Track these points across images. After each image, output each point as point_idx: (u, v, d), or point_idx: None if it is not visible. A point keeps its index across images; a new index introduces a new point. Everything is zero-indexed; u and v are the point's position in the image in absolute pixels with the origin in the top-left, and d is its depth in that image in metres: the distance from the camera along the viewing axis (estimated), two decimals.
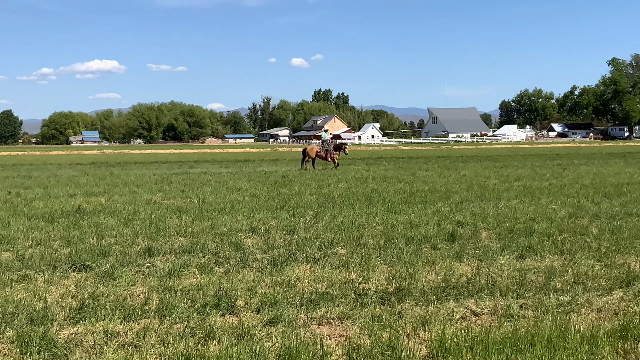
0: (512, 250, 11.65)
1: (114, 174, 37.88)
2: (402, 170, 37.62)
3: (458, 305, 8.33)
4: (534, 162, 47.92)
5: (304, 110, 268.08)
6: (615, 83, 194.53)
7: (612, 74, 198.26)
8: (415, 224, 14.77)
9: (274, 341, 7.01)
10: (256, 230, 14.20)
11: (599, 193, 21.48)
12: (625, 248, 11.77)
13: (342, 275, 9.98)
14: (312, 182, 28.10)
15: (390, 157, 64.82)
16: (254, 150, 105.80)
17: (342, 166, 42.45)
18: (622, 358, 6.48)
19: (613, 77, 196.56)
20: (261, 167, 44.38)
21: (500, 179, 28.84)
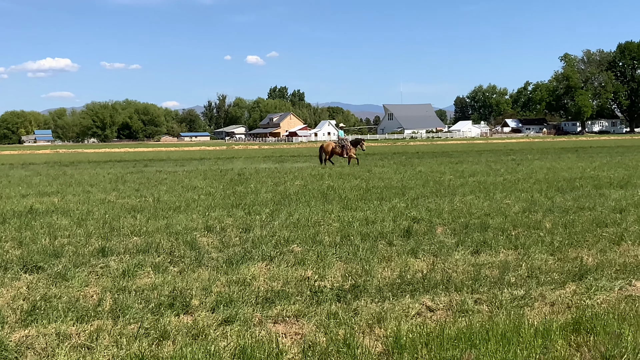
0: (467, 245, 11.72)
1: (68, 173, 37.40)
2: (358, 167, 37.66)
3: (413, 301, 8.35)
4: (488, 157, 48.33)
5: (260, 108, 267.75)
6: (567, 79, 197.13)
7: (565, 70, 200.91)
8: (371, 221, 14.79)
9: (229, 340, 6.96)
10: (212, 229, 14.11)
11: (552, 188, 21.72)
12: (578, 242, 11.90)
13: (298, 273, 9.95)
14: (268, 180, 28.02)
15: None
16: (210, 149, 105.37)
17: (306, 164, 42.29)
18: (575, 351, 6.53)
19: (565, 72, 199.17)
20: (217, 165, 44.14)
21: (456, 175, 29.01)
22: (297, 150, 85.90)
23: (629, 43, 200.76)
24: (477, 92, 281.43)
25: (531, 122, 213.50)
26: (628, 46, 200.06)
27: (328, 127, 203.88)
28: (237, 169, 38.80)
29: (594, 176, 26.59)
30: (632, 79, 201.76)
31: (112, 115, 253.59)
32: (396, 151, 70.80)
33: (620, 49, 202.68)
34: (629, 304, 8.08)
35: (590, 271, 9.64)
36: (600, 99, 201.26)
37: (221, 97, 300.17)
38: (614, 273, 9.60)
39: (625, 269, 9.81)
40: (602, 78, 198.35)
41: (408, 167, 36.22)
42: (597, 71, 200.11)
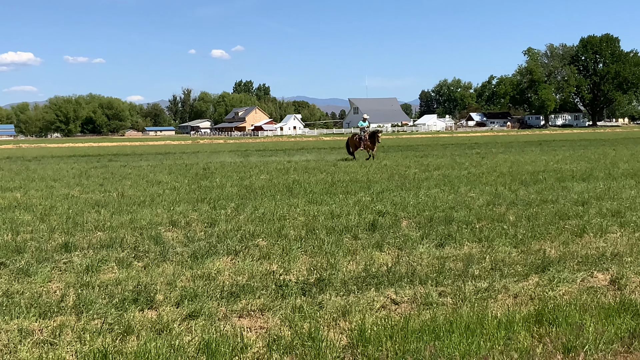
0: (431, 238, 11.78)
1: (30, 168, 37.04)
2: (324, 161, 37.70)
3: (378, 294, 8.38)
4: (453, 151, 48.58)
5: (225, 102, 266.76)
6: (531, 72, 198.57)
7: (528, 64, 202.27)
8: (337, 215, 14.81)
9: (193, 335, 6.94)
10: (176, 224, 14.05)
11: (515, 181, 21.90)
12: (541, 234, 12.01)
13: (263, 267, 9.94)
14: (234, 174, 27.95)
15: (312, 148, 64.96)
16: (175, 143, 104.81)
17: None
18: (538, 342, 6.59)
19: (529, 66, 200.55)
20: (182, 160, 43.92)
21: (421, 168, 29.15)
22: (263, 145, 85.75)
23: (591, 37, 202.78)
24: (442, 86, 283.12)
25: (495, 115, 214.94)
26: (590, 40, 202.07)
27: (294, 121, 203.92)
28: (202, 163, 38.63)
29: (557, 169, 26.86)
30: (594, 73, 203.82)
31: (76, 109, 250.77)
32: None
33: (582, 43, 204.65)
34: (590, 295, 8.18)
35: (553, 263, 9.74)
36: (563, 93, 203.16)
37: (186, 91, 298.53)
38: (576, 265, 9.71)
39: (587, 261, 9.92)
40: (565, 72, 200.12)
41: (374, 161, 36.29)
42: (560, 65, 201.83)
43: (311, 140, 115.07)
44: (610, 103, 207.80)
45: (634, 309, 7.42)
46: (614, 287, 8.64)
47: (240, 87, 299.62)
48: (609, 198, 16.72)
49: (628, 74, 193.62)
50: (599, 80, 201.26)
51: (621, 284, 8.70)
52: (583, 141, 66.71)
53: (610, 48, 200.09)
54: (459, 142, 72.01)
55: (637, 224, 12.90)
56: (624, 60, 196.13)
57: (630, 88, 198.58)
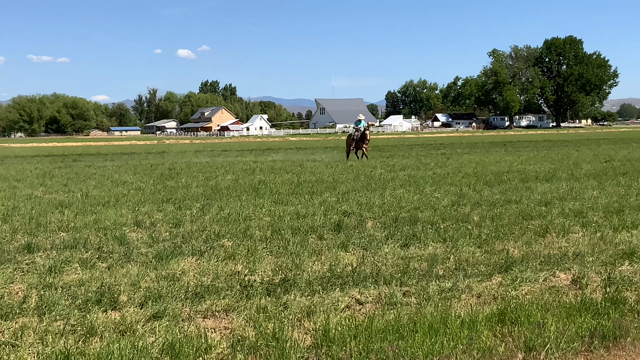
0: (396, 238, 11.82)
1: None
2: (290, 162, 37.69)
3: (343, 294, 8.40)
4: (419, 151, 48.82)
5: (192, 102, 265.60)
6: (495, 74, 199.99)
7: (493, 65, 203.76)
8: (302, 215, 14.82)
9: (157, 336, 6.91)
10: (141, 224, 13.98)
11: (480, 181, 22.05)
12: (505, 234, 12.11)
13: (228, 267, 9.92)
14: (200, 175, 27.86)
15: (278, 148, 64.94)
16: (141, 143, 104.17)
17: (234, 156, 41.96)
18: (500, 341, 6.65)
19: (494, 68, 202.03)
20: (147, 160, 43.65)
21: (386, 169, 29.25)
22: (229, 145, 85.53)
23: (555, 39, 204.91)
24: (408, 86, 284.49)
25: (461, 116, 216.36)
26: (554, 42, 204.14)
27: (260, 121, 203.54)
28: (168, 163, 38.44)
29: (521, 170, 27.09)
30: (558, 74, 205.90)
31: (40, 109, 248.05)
32: (328, 145, 71.01)
33: (546, 45, 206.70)
34: (552, 294, 8.27)
35: (516, 263, 9.82)
36: (528, 94, 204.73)
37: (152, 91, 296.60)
38: (539, 264, 9.80)
39: (550, 261, 10.02)
40: (529, 73, 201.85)
41: (339, 162, 36.35)
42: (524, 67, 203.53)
43: (278, 140, 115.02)
44: (573, 104, 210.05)
45: (595, 308, 7.51)
46: (576, 287, 8.74)
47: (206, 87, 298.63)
48: (571, 198, 16.90)
49: (591, 76, 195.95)
50: (563, 81, 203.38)
51: (582, 283, 8.80)
52: (547, 142, 67.36)
53: (573, 50, 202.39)
54: (424, 143, 72.33)
55: (598, 224, 13.06)
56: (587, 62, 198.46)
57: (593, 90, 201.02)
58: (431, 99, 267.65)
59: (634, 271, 9.39)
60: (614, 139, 70.74)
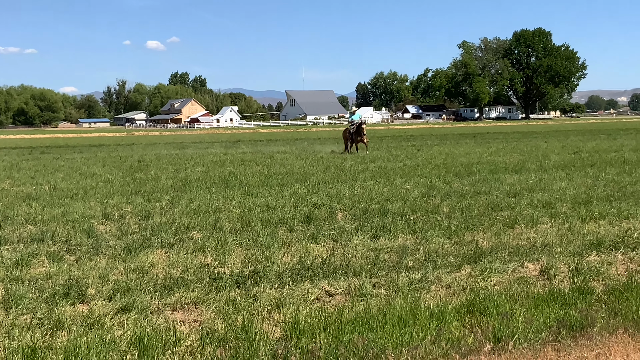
0: (366, 230, 11.85)
1: None
2: (260, 153, 37.61)
3: (313, 286, 8.40)
4: (389, 143, 48.87)
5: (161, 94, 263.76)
6: (465, 66, 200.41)
7: (463, 57, 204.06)
8: (272, 207, 14.80)
9: (125, 329, 6.87)
10: (110, 217, 13.88)
11: (450, 173, 22.14)
12: (474, 226, 12.17)
13: (197, 259, 9.88)
14: (169, 167, 27.73)
15: (249, 140, 64.75)
16: (110, 135, 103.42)
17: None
18: (469, 332, 6.69)
19: (463, 59, 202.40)
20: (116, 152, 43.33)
21: (357, 161, 29.27)
22: (199, 137, 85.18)
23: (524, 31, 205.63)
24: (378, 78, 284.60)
25: (431, 108, 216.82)
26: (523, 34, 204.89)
27: (230, 113, 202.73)
28: (137, 155, 38.19)
29: (491, 161, 27.24)
30: (527, 66, 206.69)
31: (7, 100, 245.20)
32: (298, 137, 70.97)
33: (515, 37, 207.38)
34: (520, 285, 8.33)
35: (485, 254, 9.88)
36: (497, 86, 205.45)
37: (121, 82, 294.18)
38: (508, 255, 9.86)
39: (518, 252, 10.08)
40: (499, 65, 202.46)
41: (310, 153, 36.33)
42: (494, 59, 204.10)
43: (248, 132, 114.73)
44: (542, 96, 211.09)
45: (562, 298, 7.57)
46: (544, 277, 8.80)
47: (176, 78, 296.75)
48: (540, 190, 17.02)
49: (559, 68, 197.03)
50: (532, 73, 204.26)
51: (550, 274, 8.87)
52: (516, 134, 67.74)
53: (542, 42, 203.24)
54: (395, 135, 72.47)
55: (566, 215, 13.16)
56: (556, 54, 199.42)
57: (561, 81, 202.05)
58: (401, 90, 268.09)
59: (601, 261, 9.48)
60: (582, 131, 71.31)
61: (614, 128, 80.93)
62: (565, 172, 21.50)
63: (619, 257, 9.81)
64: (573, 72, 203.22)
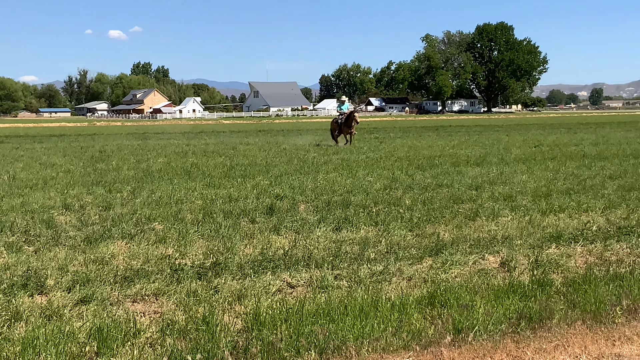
0: (329, 222, 11.85)
1: None
2: (223, 145, 37.46)
3: (274, 278, 8.40)
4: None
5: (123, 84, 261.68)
6: (428, 59, 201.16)
7: (426, 50, 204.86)
8: (235, 198, 14.76)
9: (84, 320, 6.80)
10: (70, 207, 13.74)
11: (412, 165, 22.23)
12: (436, 218, 12.23)
13: (158, 250, 9.82)
14: (131, 157, 27.51)
15: (212, 131, 64.40)
16: (71, 125, 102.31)
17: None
18: (430, 324, 6.72)
19: (427, 53, 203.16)
20: (77, 142, 42.89)
21: (320, 152, 29.28)
22: (162, 127, 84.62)
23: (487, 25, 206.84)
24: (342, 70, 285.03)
25: (394, 101, 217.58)
26: (486, 28, 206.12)
27: (193, 104, 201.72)
28: (98, 145, 37.83)
29: (453, 154, 27.39)
30: (489, 60, 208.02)
31: None
32: (261, 129, 70.82)
33: (478, 30, 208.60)
34: (481, 277, 8.39)
35: (447, 246, 9.93)
36: (460, 79, 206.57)
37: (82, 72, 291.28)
38: (469, 248, 9.93)
39: (479, 244, 10.16)
40: (462, 59, 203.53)
41: (273, 145, 36.28)
42: (456, 52, 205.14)
43: (211, 123, 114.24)
44: (504, 90, 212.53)
45: (522, 290, 7.64)
46: (504, 269, 8.88)
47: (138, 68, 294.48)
48: (501, 182, 17.15)
49: (521, 62, 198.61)
50: (494, 67, 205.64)
51: (511, 266, 8.95)
52: (478, 127, 68.18)
53: (504, 36, 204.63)
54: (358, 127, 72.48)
55: (527, 207, 13.28)
56: (518, 48, 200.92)
57: (523, 75, 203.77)
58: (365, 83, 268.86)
59: (561, 254, 9.58)
60: (542, 125, 71.99)
61: (574, 122, 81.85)
62: (526, 166, 21.69)
63: (578, 250, 9.93)
64: (534, 66, 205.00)
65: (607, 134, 45.98)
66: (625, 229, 11.28)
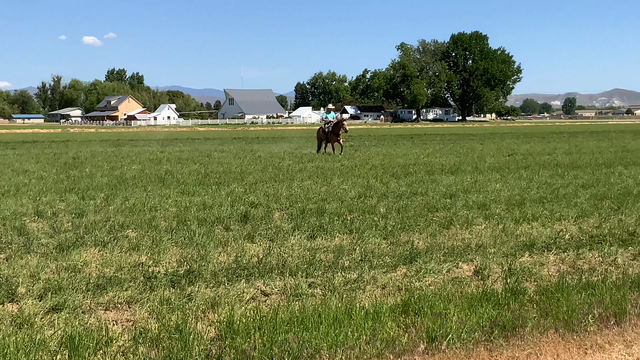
0: (303, 230, 11.84)
1: None
2: (198, 152, 37.35)
3: (248, 285, 8.36)
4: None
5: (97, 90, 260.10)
6: (403, 67, 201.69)
7: (401, 59, 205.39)
8: (209, 206, 14.71)
9: (56, 328, 6.74)
10: (42, 214, 13.62)
11: (387, 173, 22.28)
12: (410, 226, 12.25)
13: (132, 258, 9.75)
14: (105, 164, 27.35)
15: (186, 139, 64.20)
16: (44, 131, 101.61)
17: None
18: (403, 332, 6.72)
19: (402, 61, 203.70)
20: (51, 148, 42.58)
21: (295, 160, 29.27)
22: (136, 134, 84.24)
23: (461, 34, 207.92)
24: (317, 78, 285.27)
25: (369, 109, 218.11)
26: (460, 37, 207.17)
27: (168, 111, 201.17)
28: (72, 152, 37.59)
29: (427, 162, 27.48)
30: (464, 69, 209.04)
31: None
32: (236, 136, 70.70)
33: (453, 39, 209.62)
34: (455, 285, 8.41)
35: (421, 254, 9.95)
36: (435, 88, 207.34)
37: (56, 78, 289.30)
38: (443, 256, 9.95)
39: (453, 252, 10.19)
40: (437, 68, 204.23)
41: (247, 152, 36.23)
42: (431, 61, 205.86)
43: (185, 130, 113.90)
44: (478, 99, 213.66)
45: (495, 298, 7.67)
46: (478, 278, 8.91)
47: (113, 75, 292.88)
48: (475, 191, 17.22)
49: (495, 71, 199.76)
50: (469, 76, 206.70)
51: (484, 274, 8.98)
52: (453, 135, 68.50)
53: (479, 45, 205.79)
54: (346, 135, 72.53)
55: (500, 216, 13.34)
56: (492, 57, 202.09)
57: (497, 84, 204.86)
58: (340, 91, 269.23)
59: (534, 262, 9.63)
60: (516, 133, 72.44)
61: (548, 131, 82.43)
62: (500, 174, 21.80)
63: (551, 258, 9.98)
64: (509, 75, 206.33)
65: (580, 143, 46.38)
66: (597, 237, 11.36)
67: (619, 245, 10.79)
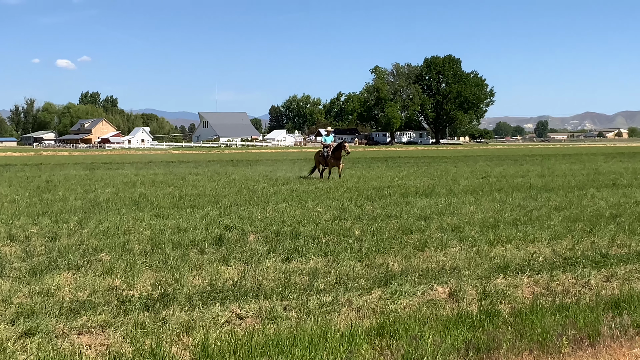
0: (278, 253, 11.83)
1: None
2: (172, 175, 37.23)
3: (223, 309, 8.33)
4: (302, 166, 48.92)
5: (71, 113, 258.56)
6: (377, 90, 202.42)
7: (375, 82, 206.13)
8: (183, 229, 14.65)
9: (29, 353, 6.67)
10: (15, 238, 13.51)
11: (362, 196, 22.31)
12: (385, 249, 12.27)
13: (105, 282, 9.69)
14: (78, 187, 27.17)
15: (161, 162, 63.97)
16: (17, 154, 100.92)
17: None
18: (379, 355, 6.72)
19: (376, 84, 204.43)
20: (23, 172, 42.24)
21: (269, 183, 29.25)
22: (110, 157, 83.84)
23: (435, 58, 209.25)
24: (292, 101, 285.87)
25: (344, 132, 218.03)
26: (434, 61, 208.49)
27: (142, 134, 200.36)
28: (45, 175, 37.31)
29: (402, 185, 27.58)
30: (437, 92, 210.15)
31: None
32: (211, 159, 70.56)
33: (426, 63, 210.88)
34: (430, 307, 8.42)
35: (396, 277, 9.96)
36: (409, 111, 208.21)
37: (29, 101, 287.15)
38: (417, 278, 9.97)
39: (428, 274, 10.21)
40: (410, 91, 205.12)
41: (222, 175, 36.16)
42: (405, 84, 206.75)
43: (160, 153, 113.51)
44: (452, 122, 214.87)
45: (470, 320, 7.69)
46: (453, 300, 8.93)
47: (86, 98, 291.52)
48: (449, 213, 17.29)
49: (468, 94, 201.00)
50: (442, 99, 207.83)
51: (459, 296, 9.01)
52: (426, 158, 68.84)
53: (452, 69, 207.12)
54: (307, 157, 72.64)
55: (475, 238, 13.39)
56: (465, 80, 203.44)
57: (470, 107, 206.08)
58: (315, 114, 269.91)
59: (508, 284, 9.68)
60: (490, 156, 72.92)
61: (521, 154, 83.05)
62: (474, 197, 21.91)
63: (525, 280, 10.03)
64: (482, 98, 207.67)
65: (553, 165, 46.76)
66: (570, 259, 11.44)
67: (592, 267, 10.87)
